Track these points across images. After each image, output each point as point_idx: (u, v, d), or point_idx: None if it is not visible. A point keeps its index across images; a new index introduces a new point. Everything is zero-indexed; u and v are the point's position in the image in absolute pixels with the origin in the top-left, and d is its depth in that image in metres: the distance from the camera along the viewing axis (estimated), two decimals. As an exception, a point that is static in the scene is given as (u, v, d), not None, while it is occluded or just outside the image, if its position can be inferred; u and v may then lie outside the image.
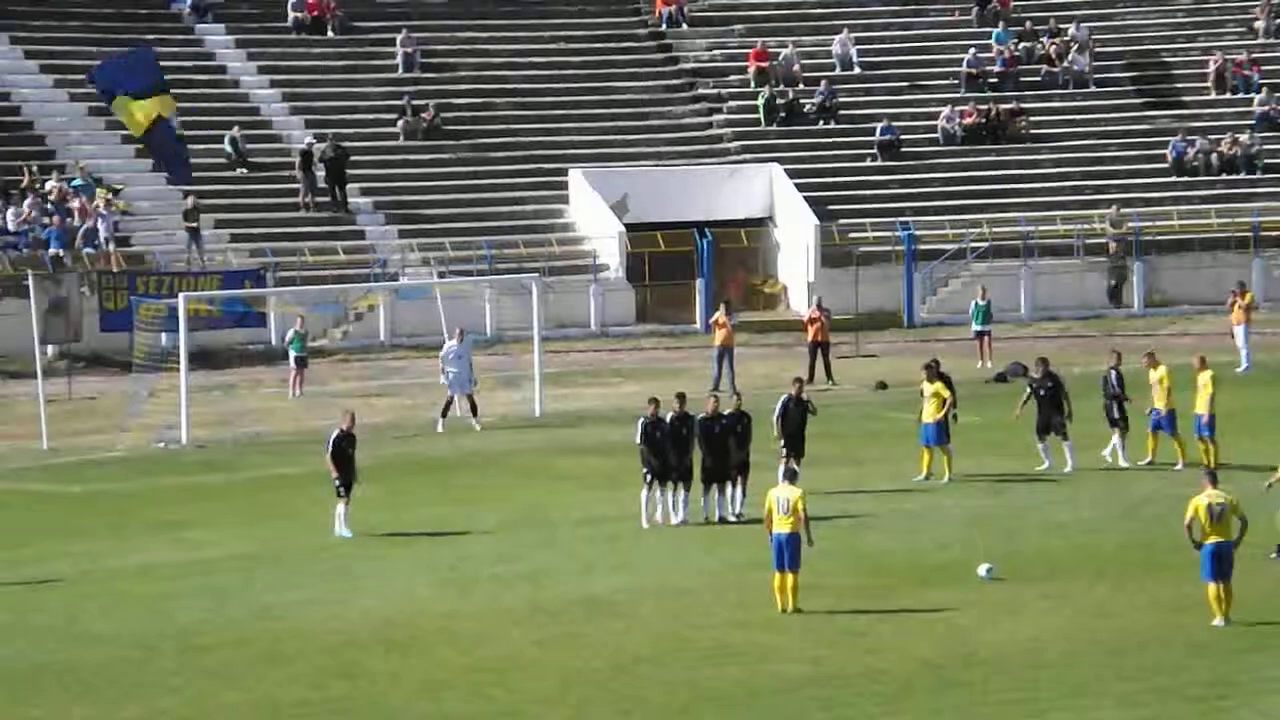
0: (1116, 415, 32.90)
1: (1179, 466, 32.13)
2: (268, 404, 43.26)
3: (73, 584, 26.81)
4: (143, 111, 41.91)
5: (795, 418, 30.88)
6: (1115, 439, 32.85)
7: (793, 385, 31.51)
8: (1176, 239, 55.57)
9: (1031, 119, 59.07)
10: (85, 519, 31.55)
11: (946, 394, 32.08)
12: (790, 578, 23.65)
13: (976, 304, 47.36)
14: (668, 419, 29.30)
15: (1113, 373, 33.19)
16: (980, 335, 46.83)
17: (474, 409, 39.07)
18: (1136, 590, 24.60)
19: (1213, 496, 22.67)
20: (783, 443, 30.52)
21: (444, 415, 38.89)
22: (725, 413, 29.51)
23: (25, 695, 21.32)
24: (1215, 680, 20.86)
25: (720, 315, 44.23)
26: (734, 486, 29.34)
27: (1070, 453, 32.49)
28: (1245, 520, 22.74)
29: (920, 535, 28.20)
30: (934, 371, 32.54)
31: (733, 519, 29.17)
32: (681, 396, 29.83)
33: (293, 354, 44.07)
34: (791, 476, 24.49)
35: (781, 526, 23.71)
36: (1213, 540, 22.51)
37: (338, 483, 29.07)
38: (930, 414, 31.91)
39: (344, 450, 29.09)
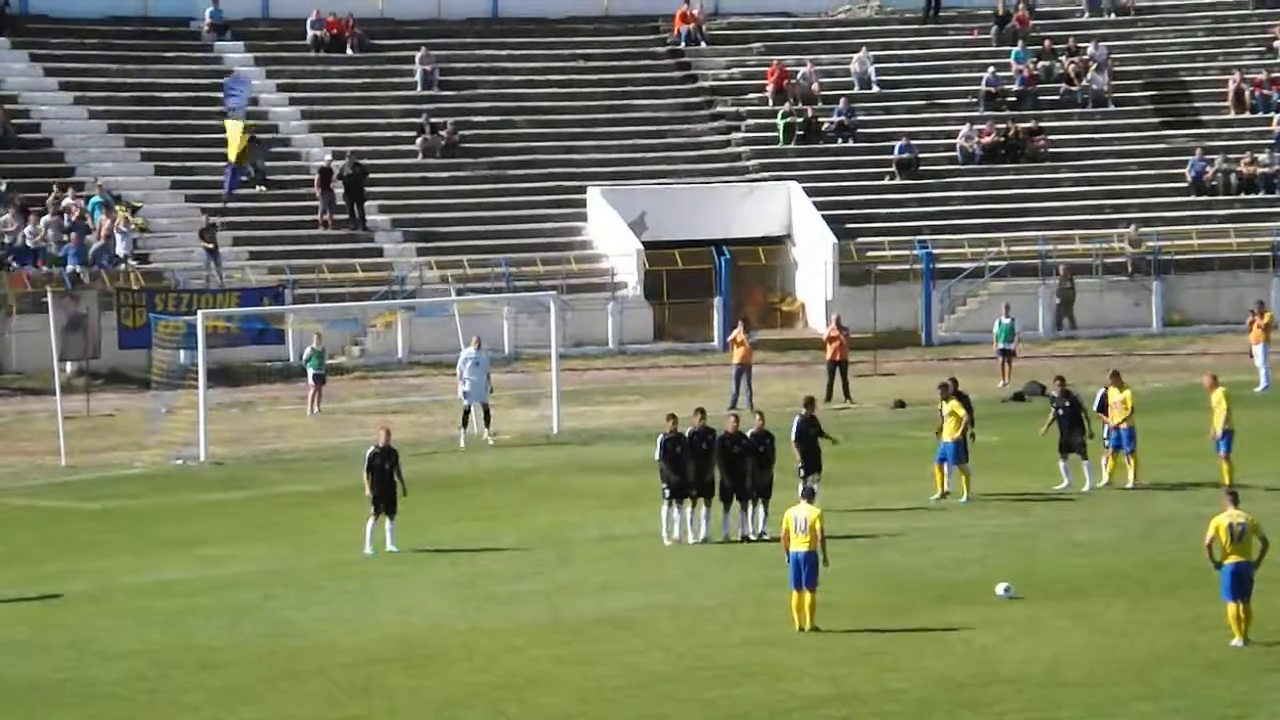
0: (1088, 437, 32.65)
1: (1129, 485, 32.17)
2: (286, 421, 43.29)
3: (90, 601, 26.82)
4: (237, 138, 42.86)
5: (810, 436, 30.85)
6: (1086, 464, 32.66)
7: (804, 406, 31.42)
8: (1195, 258, 55.48)
9: (1050, 138, 59.04)
10: (103, 536, 31.58)
11: (963, 413, 32.04)
12: (808, 596, 23.63)
13: (1001, 322, 47.31)
14: (687, 434, 29.26)
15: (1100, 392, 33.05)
16: (1004, 354, 46.76)
17: (487, 419, 39.05)
18: (1156, 610, 24.52)
19: (1234, 516, 22.62)
20: (800, 462, 30.49)
21: (464, 426, 38.92)
22: (747, 433, 29.46)
23: (43, 712, 21.33)
24: (1235, 700, 20.78)
25: (738, 333, 44.22)
26: (754, 505, 29.28)
27: (1089, 472, 32.42)
28: (1266, 541, 22.69)
29: (938, 554, 28.14)
30: (949, 390, 32.50)
31: (753, 538, 29.12)
32: (701, 411, 29.80)
33: (310, 371, 44.12)
34: (809, 495, 24.51)
35: (799, 545, 23.70)
36: (1233, 560, 22.46)
37: (371, 498, 28.99)
38: (949, 433, 31.87)
39: (379, 466, 29.01)
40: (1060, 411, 32.59)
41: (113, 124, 54.33)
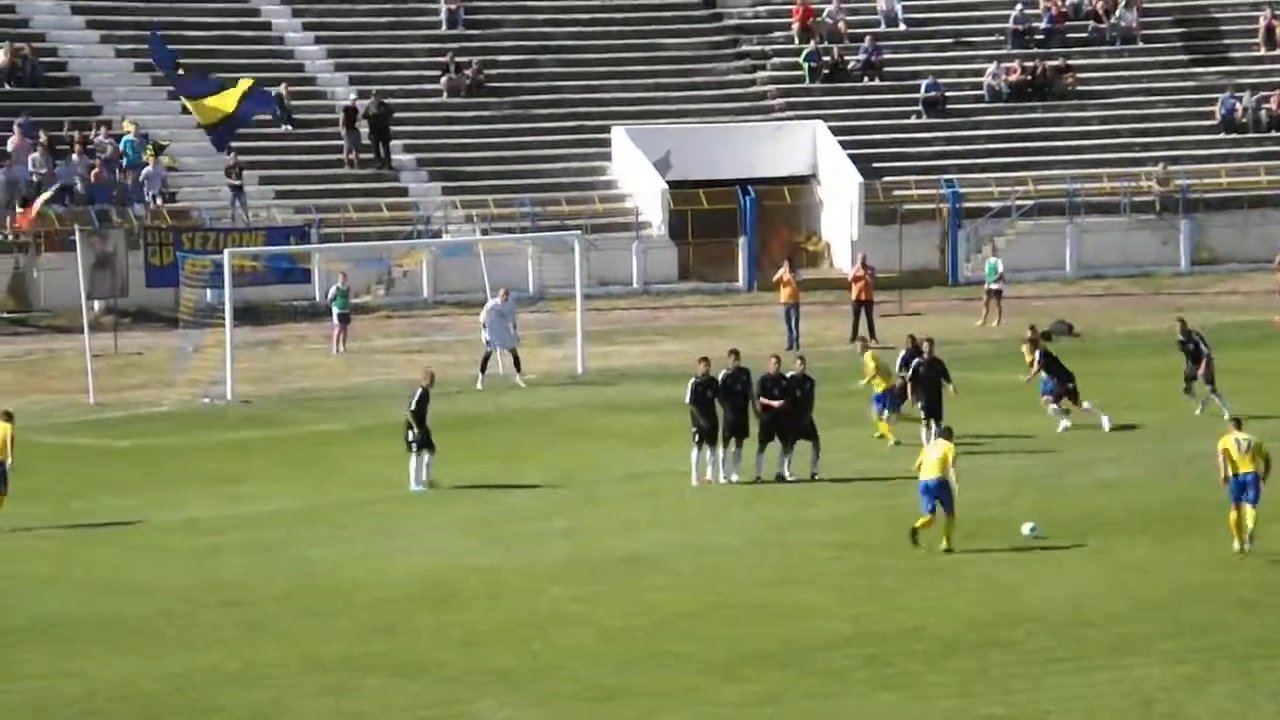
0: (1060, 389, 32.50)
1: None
2: (312, 360, 43.38)
3: (118, 537, 26.97)
4: (217, 104, 42.28)
5: (931, 380, 30.45)
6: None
7: (924, 345, 30.95)
8: (1224, 196, 55.22)
9: (1078, 76, 58.69)
10: (131, 473, 31.73)
11: (873, 366, 31.53)
12: (944, 519, 24.31)
13: (989, 262, 47.13)
14: (720, 377, 29.13)
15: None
16: (992, 294, 46.49)
17: (517, 364, 39.11)
18: (1181, 548, 24.51)
19: (1239, 437, 24.05)
20: (920, 404, 30.41)
21: (483, 371, 38.96)
22: (787, 374, 29.27)
23: (70, 647, 21.48)
24: (1261, 639, 20.77)
25: (784, 272, 44.15)
26: (789, 450, 28.92)
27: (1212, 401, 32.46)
28: (1269, 459, 23.79)
29: (963, 494, 28.10)
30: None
31: (790, 479, 29.02)
32: (735, 353, 29.69)
33: (336, 310, 44.16)
34: (947, 434, 25.33)
35: (929, 474, 24.43)
36: (1242, 471, 23.75)
37: (412, 437, 29.06)
38: (879, 384, 31.28)
39: (422, 407, 29.17)
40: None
41: (139, 62, 54.22)
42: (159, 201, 50.27)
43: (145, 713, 19.29)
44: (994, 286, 46.52)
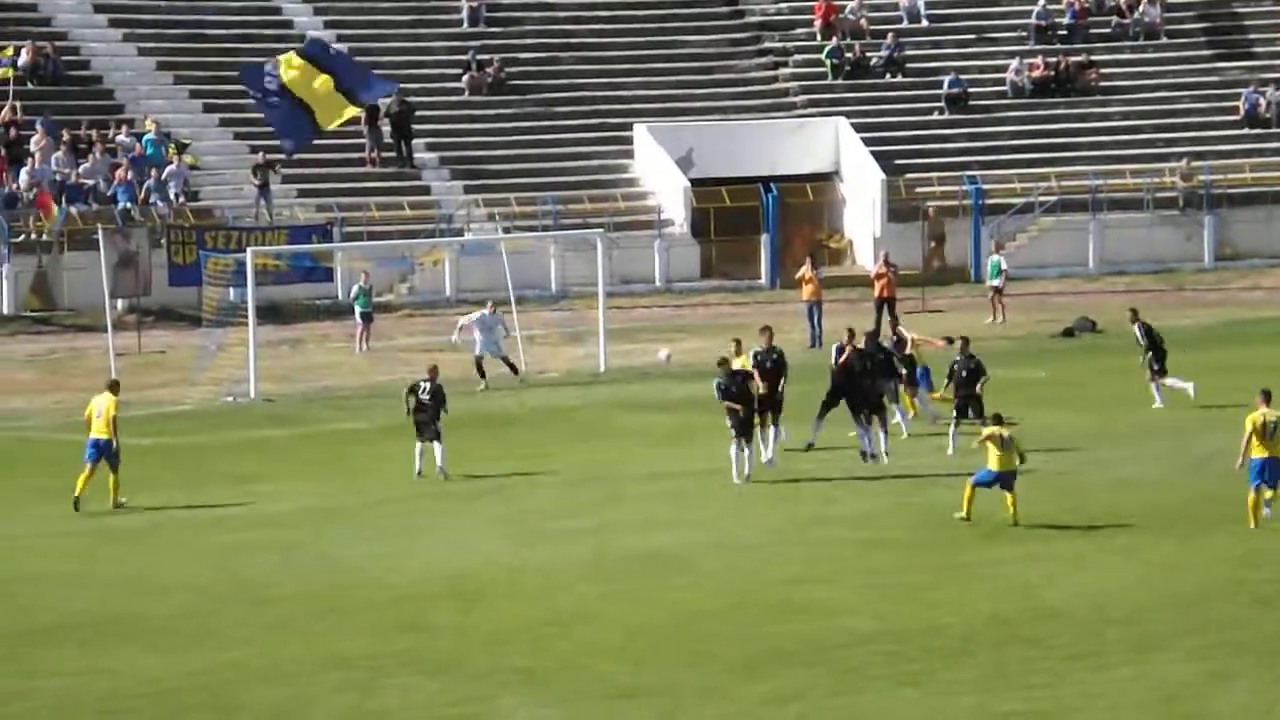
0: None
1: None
2: (335, 358, 43.47)
3: (142, 536, 27.05)
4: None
5: (967, 379, 30.48)
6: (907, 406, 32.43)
7: (958, 344, 30.98)
8: (1247, 192, 55.09)
9: (1101, 71, 58.58)
10: (154, 472, 31.79)
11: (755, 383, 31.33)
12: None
13: (992, 259, 47.05)
14: (753, 352, 29.22)
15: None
16: (995, 291, 46.42)
17: (513, 369, 38.96)
18: (1204, 545, 24.46)
19: (1267, 414, 24.08)
20: (955, 402, 30.47)
21: (482, 375, 38.67)
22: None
23: (96, 646, 21.55)
24: (1283, 636, 20.74)
25: (806, 270, 44.13)
26: (869, 421, 29.35)
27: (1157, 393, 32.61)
28: None
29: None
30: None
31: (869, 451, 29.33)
32: (768, 330, 29.92)
33: (358, 309, 44.25)
34: (996, 421, 25.65)
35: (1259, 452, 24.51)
36: (1261, 455, 24.00)
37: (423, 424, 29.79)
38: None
39: (418, 398, 29.70)
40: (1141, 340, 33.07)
41: (161, 61, 54.38)
42: (181, 200, 50.40)
43: (169, 710, 19.34)
44: (996, 284, 46.48)
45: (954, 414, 30.61)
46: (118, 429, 28.21)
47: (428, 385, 29.84)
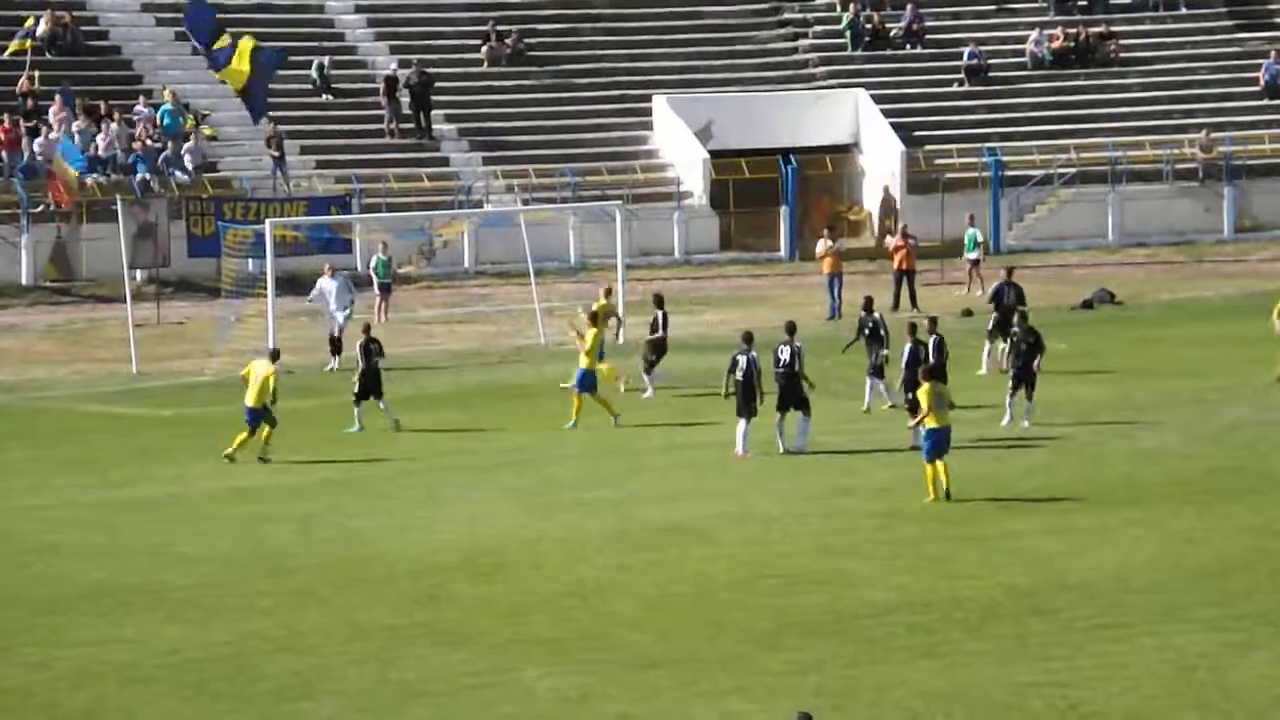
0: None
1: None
2: (353, 330, 43.43)
3: (163, 507, 27.12)
4: (238, 67, 41.94)
5: (1026, 352, 30.38)
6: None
7: (1016, 323, 31.01)
8: (1267, 163, 54.90)
9: (1121, 42, 58.35)
10: (175, 442, 31.88)
11: (590, 335, 31.27)
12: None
13: (969, 232, 46.81)
14: (782, 347, 29.23)
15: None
16: (973, 264, 46.25)
17: (336, 349, 37.87)
18: (1224, 516, 24.44)
19: None
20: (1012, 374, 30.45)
21: (336, 352, 37.91)
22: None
23: (118, 616, 21.62)
24: (1304, 608, 20.73)
25: (825, 242, 44.05)
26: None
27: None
28: None
29: (1005, 462, 28.09)
30: None
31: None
32: (791, 325, 29.79)
33: (377, 280, 44.27)
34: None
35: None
36: None
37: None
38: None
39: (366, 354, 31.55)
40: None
41: (179, 31, 54.27)
42: (200, 171, 50.41)
43: (191, 680, 19.42)
44: (973, 257, 46.33)
45: (1010, 386, 30.56)
46: (276, 395, 29.69)
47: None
